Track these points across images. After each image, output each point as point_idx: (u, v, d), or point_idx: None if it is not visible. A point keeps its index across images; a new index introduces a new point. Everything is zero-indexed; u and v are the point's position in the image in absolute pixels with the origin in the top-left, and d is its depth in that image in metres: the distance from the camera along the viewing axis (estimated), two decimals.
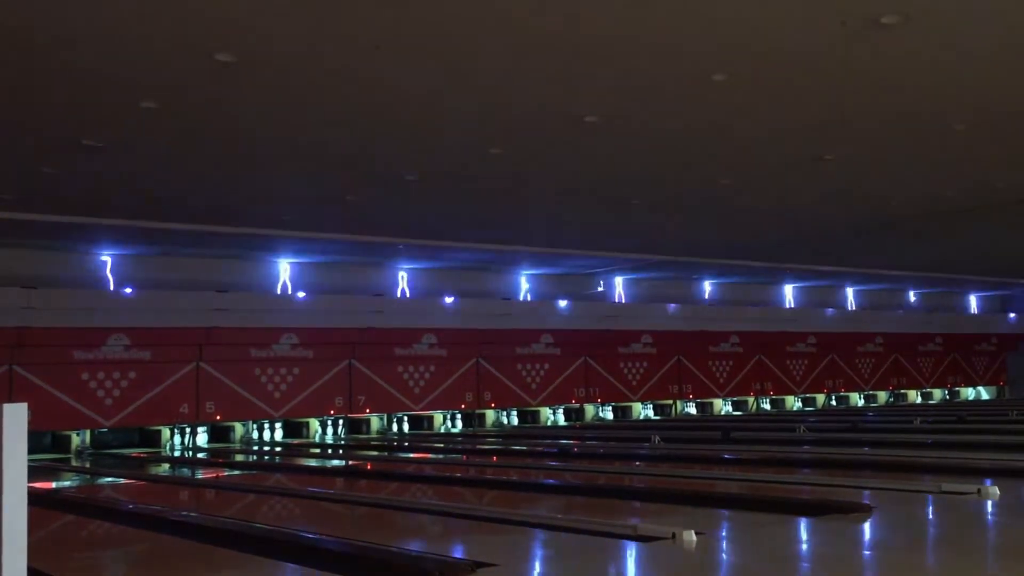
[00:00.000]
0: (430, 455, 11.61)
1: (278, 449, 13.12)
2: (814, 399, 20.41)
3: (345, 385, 14.54)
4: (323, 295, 14.61)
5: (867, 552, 4.37)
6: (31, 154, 8.62)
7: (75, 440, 12.98)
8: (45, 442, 12.96)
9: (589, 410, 17.36)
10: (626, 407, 17.83)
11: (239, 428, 14.11)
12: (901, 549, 4.33)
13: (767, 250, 15.55)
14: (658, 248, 15.04)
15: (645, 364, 17.72)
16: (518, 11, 5.67)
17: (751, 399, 19.39)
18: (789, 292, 20.52)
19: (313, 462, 11.27)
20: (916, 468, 7.45)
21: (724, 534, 4.84)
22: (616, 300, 18.02)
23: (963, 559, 4.07)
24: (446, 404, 15.58)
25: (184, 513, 6.40)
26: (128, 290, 13.10)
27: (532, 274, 17.07)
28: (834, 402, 20.64)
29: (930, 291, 22.42)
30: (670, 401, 18.29)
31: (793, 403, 20.01)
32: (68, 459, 12.26)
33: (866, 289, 21.37)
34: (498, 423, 16.27)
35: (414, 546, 4.51)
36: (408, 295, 15.82)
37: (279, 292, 14.56)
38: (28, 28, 5.72)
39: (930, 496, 5.70)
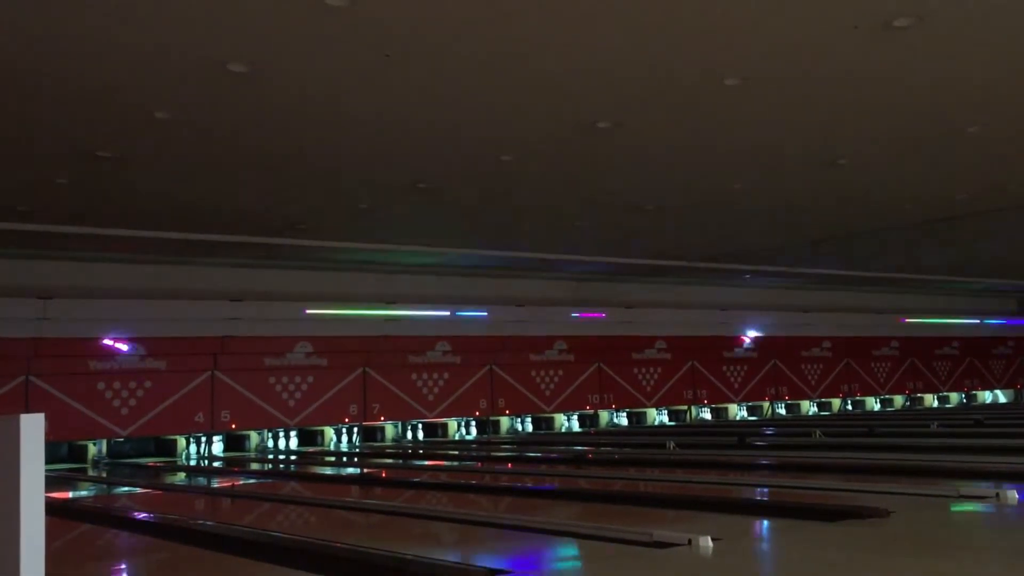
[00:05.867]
0: (445, 462, 11.62)
1: (293, 457, 13.15)
2: (830, 404, 20.32)
3: (359, 393, 14.56)
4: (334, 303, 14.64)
5: (885, 557, 4.34)
6: (45, 165, 8.67)
7: (91, 450, 13.04)
8: (61, 452, 13.04)
9: (604, 416, 17.33)
10: (641, 413, 17.79)
11: (254, 437, 14.15)
12: (920, 554, 4.30)
13: (780, 255, 15.50)
14: (671, 253, 15.00)
15: (659, 370, 17.69)
16: (531, 16, 5.68)
17: (766, 404, 19.32)
18: (804, 296, 20.40)
19: (328, 470, 11.28)
20: (934, 472, 7.41)
21: (741, 540, 4.82)
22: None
23: (982, 564, 4.04)
24: (460, 411, 15.57)
25: (200, 522, 6.41)
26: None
27: (544, 280, 17.03)
28: (850, 406, 20.54)
29: (944, 295, 22.27)
30: (685, 407, 18.25)
31: (809, 408, 19.92)
32: (84, 469, 12.32)
33: (881, 293, 21.24)
34: (512, 430, 16.26)
35: (429, 553, 4.51)
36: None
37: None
38: (41, 39, 5.76)
39: (948, 500, 5.66)
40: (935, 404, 21.76)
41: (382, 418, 14.86)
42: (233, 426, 13.59)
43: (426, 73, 6.55)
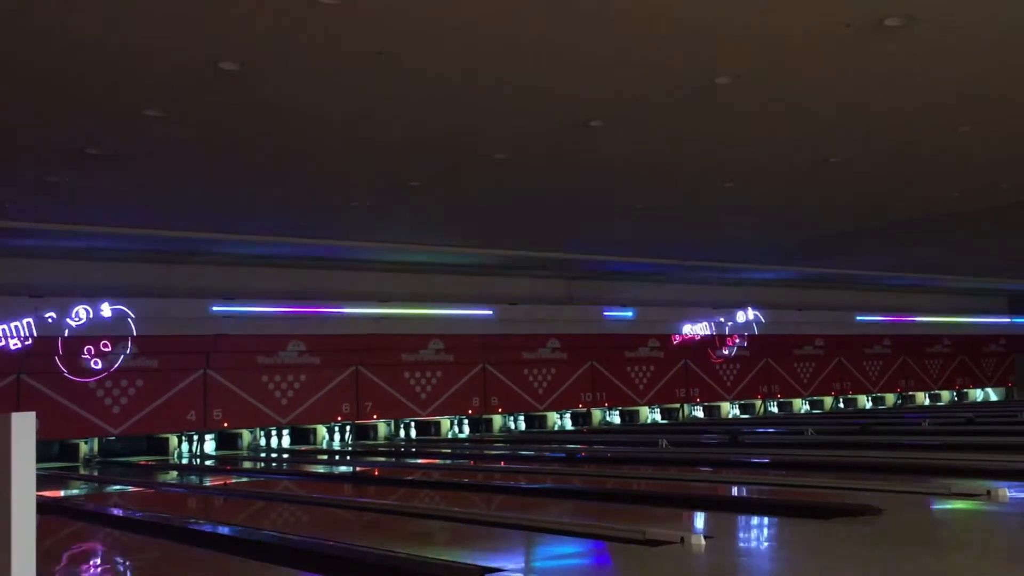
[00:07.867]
0: (438, 460, 11.61)
1: (286, 456, 13.13)
2: (821, 402, 20.36)
3: (352, 391, 14.54)
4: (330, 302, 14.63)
5: (877, 555, 4.35)
6: (35, 163, 8.64)
7: (83, 448, 12.99)
8: (53, 451, 12.98)
9: (596, 414, 17.33)
10: (633, 411, 17.80)
11: (247, 435, 14.12)
12: (911, 552, 4.31)
13: (771, 253, 15.53)
14: (662, 252, 15.02)
15: (652, 368, 17.70)
16: (524, 16, 5.68)
17: (758, 402, 19.35)
18: (795, 294, 20.44)
19: (321, 468, 11.26)
20: (925, 470, 7.42)
21: (733, 538, 4.83)
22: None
23: (974, 561, 4.05)
24: (453, 409, 15.55)
25: (193, 521, 6.40)
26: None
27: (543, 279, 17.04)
28: (842, 404, 20.59)
29: (938, 293, 22.34)
30: (677, 405, 18.26)
31: (800, 406, 19.96)
32: (76, 467, 12.27)
33: (873, 291, 21.29)
34: (505, 428, 16.26)
35: (423, 552, 4.50)
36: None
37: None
38: (31, 36, 5.74)
39: (940, 498, 5.68)
40: (927, 402, 21.82)
41: (375, 416, 14.84)
42: (225, 424, 13.57)
43: (419, 72, 6.54)
